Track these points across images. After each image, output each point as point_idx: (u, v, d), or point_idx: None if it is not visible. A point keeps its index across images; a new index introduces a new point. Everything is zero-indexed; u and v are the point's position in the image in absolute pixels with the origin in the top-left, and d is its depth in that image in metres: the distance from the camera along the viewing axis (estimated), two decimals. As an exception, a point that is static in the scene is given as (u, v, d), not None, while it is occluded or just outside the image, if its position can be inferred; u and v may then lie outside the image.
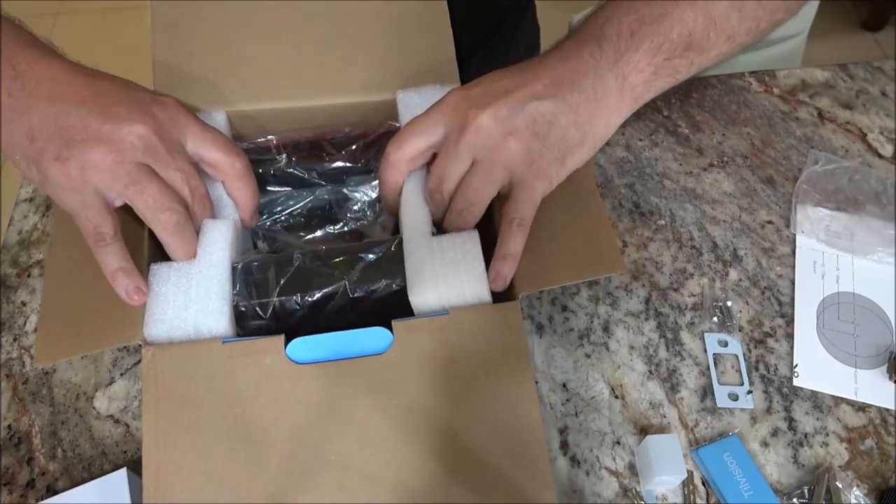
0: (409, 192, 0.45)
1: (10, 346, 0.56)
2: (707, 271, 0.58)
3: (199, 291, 0.41)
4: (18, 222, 0.64)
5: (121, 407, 0.53)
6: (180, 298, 0.41)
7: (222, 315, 0.41)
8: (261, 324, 0.43)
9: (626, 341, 0.55)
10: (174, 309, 0.41)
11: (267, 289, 0.42)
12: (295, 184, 0.50)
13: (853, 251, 0.58)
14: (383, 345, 0.41)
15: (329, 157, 0.49)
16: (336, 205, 0.50)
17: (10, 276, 0.60)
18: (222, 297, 0.41)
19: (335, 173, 0.50)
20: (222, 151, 0.44)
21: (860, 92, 0.70)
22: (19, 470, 0.51)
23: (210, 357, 0.40)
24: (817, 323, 0.55)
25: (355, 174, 0.50)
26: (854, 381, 0.52)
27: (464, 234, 0.43)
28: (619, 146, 0.66)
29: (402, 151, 0.43)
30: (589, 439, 0.51)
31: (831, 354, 0.54)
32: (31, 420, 0.53)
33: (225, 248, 0.43)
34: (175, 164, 0.41)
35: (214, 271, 0.42)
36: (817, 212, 0.60)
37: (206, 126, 0.44)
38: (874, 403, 0.51)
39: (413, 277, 0.42)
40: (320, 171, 0.49)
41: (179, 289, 0.41)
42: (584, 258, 0.43)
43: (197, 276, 0.42)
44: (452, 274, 0.42)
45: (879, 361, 0.53)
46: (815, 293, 0.57)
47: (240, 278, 0.43)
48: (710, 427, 0.51)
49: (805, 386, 0.52)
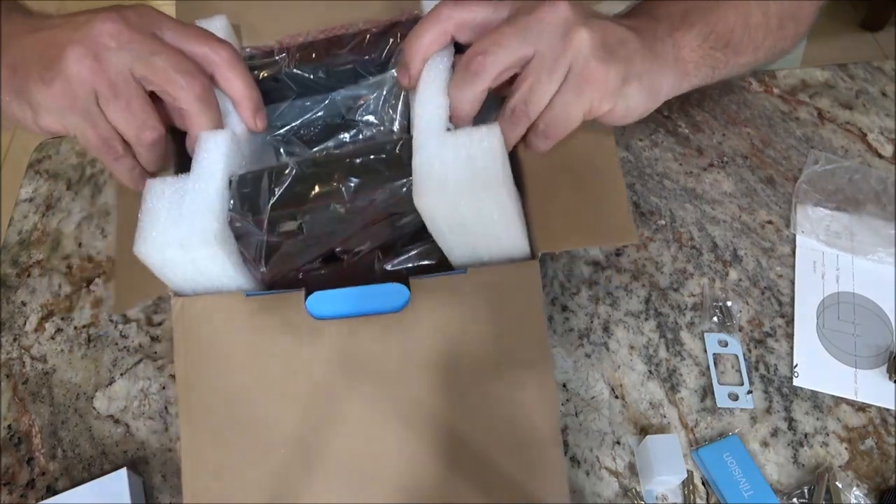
0: (427, 80, 0.39)
1: (10, 346, 0.56)
2: (707, 271, 0.58)
3: (192, 207, 0.39)
4: (18, 222, 0.64)
5: (121, 407, 0.53)
6: (173, 213, 0.39)
7: (210, 233, 0.38)
8: (259, 239, 0.40)
9: (626, 341, 0.55)
10: (164, 224, 0.39)
11: (259, 202, 0.39)
12: (301, 89, 0.44)
13: (853, 251, 0.58)
14: (400, 302, 0.40)
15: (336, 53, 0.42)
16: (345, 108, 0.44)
17: (10, 276, 0.60)
18: (213, 213, 0.39)
19: (346, 74, 0.43)
20: (204, 42, 0.40)
21: (860, 92, 0.70)
22: (19, 470, 0.51)
23: (233, 309, 0.41)
24: (817, 323, 0.55)
25: (369, 72, 0.43)
26: (854, 381, 0.52)
27: (482, 128, 0.37)
28: (619, 146, 0.66)
29: (460, 10, 0.37)
30: (589, 439, 0.51)
31: (831, 354, 0.54)
32: (31, 420, 0.53)
33: (220, 160, 0.40)
34: (156, 50, 0.38)
35: (207, 185, 0.39)
36: (817, 212, 0.60)
37: (182, 22, 0.41)
38: (874, 403, 0.51)
39: (420, 175, 0.36)
40: (329, 69, 0.42)
41: (173, 204, 0.39)
42: (598, 226, 0.41)
43: (191, 191, 0.39)
44: (466, 171, 0.36)
45: (879, 361, 0.53)
46: (815, 293, 0.57)
47: (234, 192, 0.40)
48: (710, 427, 0.51)
49: (805, 386, 0.52)
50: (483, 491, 0.39)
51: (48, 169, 0.67)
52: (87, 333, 0.56)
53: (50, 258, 0.61)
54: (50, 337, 0.56)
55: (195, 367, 0.40)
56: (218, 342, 0.41)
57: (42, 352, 0.56)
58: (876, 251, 0.58)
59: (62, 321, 0.57)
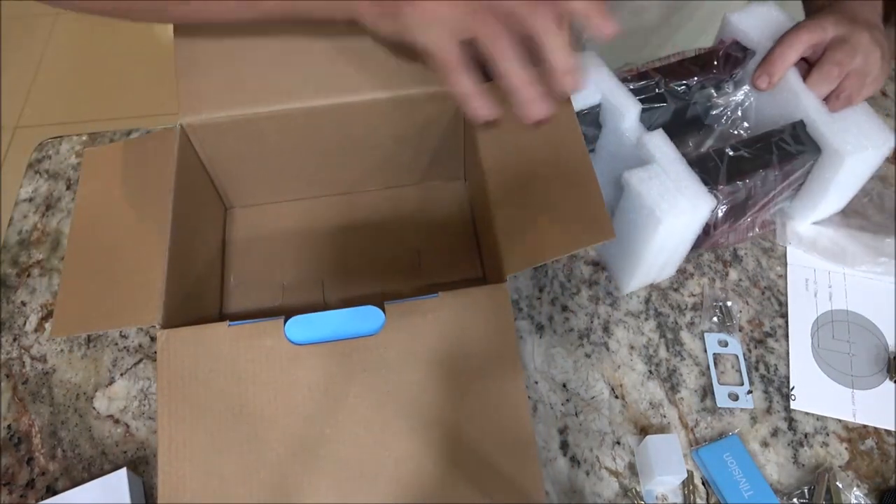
0: (798, 82, 0.53)
1: (10, 346, 0.56)
2: (707, 271, 0.58)
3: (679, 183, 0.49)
4: (18, 222, 0.64)
5: (121, 407, 0.53)
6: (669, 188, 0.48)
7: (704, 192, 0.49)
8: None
9: (626, 341, 0.55)
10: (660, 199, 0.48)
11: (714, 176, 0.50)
12: (672, 98, 0.55)
13: (844, 262, 0.58)
14: (375, 326, 0.42)
15: (692, 74, 0.55)
16: (702, 111, 0.58)
17: (10, 276, 0.60)
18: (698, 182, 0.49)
19: (698, 85, 0.56)
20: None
21: (860, 92, 0.70)
22: (19, 470, 0.51)
23: (216, 339, 0.42)
24: (812, 343, 0.55)
25: (712, 85, 0.57)
26: (851, 402, 0.52)
27: (858, 107, 0.53)
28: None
29: (811, 35, 0.53)
30: (589, 439, 0.51)
31: (828, 375, 0.53)
32: (31, 420, 0.53)
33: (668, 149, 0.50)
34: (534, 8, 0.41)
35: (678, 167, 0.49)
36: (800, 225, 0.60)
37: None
38: (872, 425, 0.51)
39: (840, 144, 0.51)
40: (688, 85, 0.55)
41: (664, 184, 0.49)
42: (573, 230, 0.44)
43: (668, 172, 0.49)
44: (868, 132, 0.51)
45: (876, 381, 0.53)
46: (809, 312, 0.56)
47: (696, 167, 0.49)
48: (710, 427, 0.51)
49: (803, 409, 0.51)
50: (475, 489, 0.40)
51: (48, 169, 0.67)
52: (87, 333, 0.56)
53: (50, 258, 0.61)
54: (50, 337, 0.57)
55: (177, 395, 0.41)
56: (200, 370, 0.41)
57: (42, 352, 0.56)
58: (864, 262, 0.57)
59: (62, 321, 0.57)
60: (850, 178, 0.55)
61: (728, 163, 0.50)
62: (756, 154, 0.51)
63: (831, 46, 0.53)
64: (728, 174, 0.50)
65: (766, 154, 0.51)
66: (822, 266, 0.58)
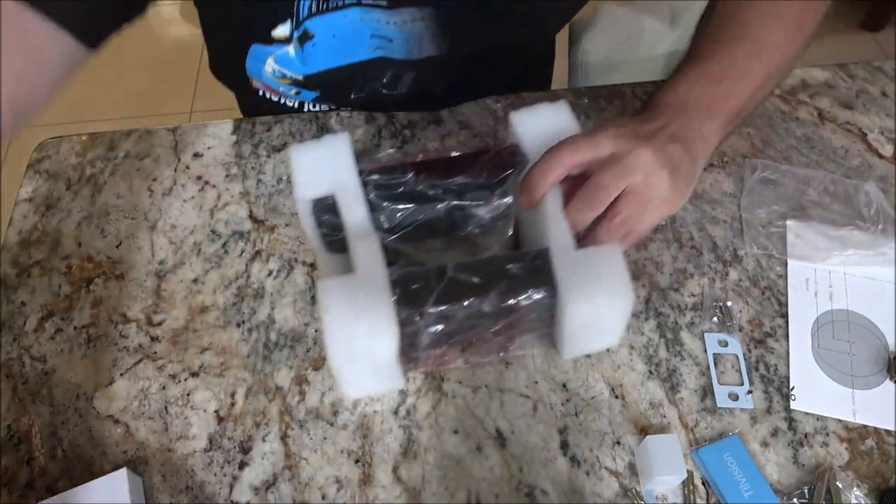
0: (553, 206, 0.47)
1: (10, 346, 0.56)
2: (707, 271, 0.58)
3: (367, 301, 0.44)
4: (18, 222, 0.64)
5: (121, 407, 0.53)
6: (355, 308, 0.43)
7: (390, 319, 0.43)
8: (414, 329, 0.45)
9: (626, 341, 0.55)
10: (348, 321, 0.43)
11: (421, 297, 0.44)
12: (420, 199, 0.51)
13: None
14: None
15: (452, 175, 0.51)
16: (457, 219, 0.52)
17: (10, 276, 0.60)
18: (388, 305, 0.44)
19: (457, 189, 0.51)
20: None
21: (860, 92, 0.70)
22: (19, 470, 0.51)
23: None
24: (812, 343, 0.55)
25: (475, 189, 0.51)
26: (852, 402, 0.52)
27: (606, 248, 0.46)
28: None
29: (575, 154, 0.47)
30: (589, 439, 0.51)
31: (828, 375, 0.53)
32: (31, 420, 0.53)
33: (379, 258, 0.46)
34: None
35: (376, 280, 0.45)
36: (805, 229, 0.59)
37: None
38: (872, 425, 0.51)
39: (566, 289, 0.45)
40: (444, 187, 0.50)
41: (350, 301, 0.44)
42: None
43: (362, 286, 0.44)
44: (605, 284, 0.45)
45: (876, 381, 0.53)
46: (809, 312, 0.56)
47: (399, 287, 0.45)
48: (710, 427, 0.51)
49: (803, 409, 0.51)
50: None
51: (48, 169, 0.67)
52: (87, 333, 0.56)
53: (50, 258, 0.61)
54: (50, 337, 0.56)
55: None
56: None
57: (42, 352, 0.56)
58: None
59: (62, 321, 0.57)
60: (587, 324, 0.48)
61: (446, 284, 0.44)
62: (484, 280, 0.45)
63: (602, 166, 0.46)
64: (442, 296, 0.44)
65: (494, 281, 0.45)
66: (823, 266, 0.58)
